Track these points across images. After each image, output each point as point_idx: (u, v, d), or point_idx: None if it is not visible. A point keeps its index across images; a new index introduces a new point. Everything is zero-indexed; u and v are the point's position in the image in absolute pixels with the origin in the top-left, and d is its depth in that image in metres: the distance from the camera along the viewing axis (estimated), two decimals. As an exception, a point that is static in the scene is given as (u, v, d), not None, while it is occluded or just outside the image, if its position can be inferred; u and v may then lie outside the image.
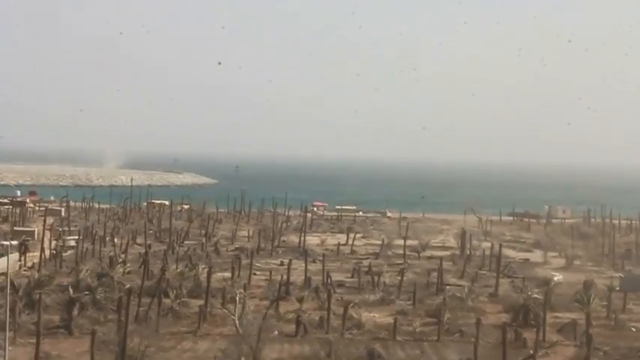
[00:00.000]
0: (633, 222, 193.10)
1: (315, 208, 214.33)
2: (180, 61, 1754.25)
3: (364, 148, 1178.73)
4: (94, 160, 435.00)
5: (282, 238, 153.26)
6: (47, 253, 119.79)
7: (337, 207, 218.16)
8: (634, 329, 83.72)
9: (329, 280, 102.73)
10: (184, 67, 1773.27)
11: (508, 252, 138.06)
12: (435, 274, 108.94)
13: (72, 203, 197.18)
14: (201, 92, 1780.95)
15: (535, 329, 78.18)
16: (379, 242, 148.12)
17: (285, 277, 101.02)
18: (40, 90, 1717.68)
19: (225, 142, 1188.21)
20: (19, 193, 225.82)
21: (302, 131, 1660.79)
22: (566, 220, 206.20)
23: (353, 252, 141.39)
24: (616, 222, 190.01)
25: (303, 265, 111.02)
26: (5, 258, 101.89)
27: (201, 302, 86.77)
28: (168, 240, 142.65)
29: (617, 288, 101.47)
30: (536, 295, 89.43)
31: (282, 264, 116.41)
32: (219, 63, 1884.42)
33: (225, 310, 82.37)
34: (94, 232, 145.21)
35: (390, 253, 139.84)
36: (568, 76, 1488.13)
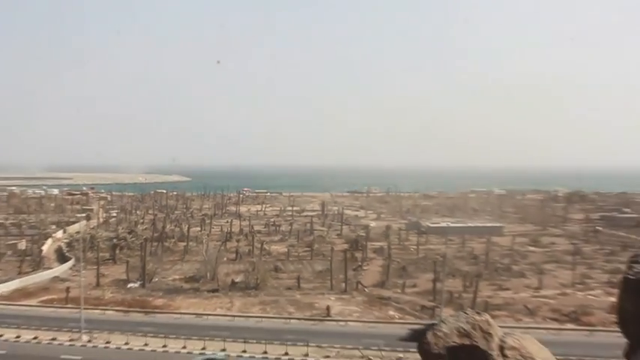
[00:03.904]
0: (413, 194, 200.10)
1: (244, 192, 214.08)
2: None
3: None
4: (126, 169, 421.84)
5: (227, 208, 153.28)
6: (101, 220, 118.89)
7: (257, 191, 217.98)
8: (412, 249, 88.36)
9: (252, 229, 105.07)
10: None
11: (347, 211, 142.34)
12: (309, 224, 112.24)
13: (113, 193, 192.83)
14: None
15: (361, 251, 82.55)
16: (279, 208, 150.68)
17: (229, 229, 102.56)
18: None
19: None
20: (84, 188, 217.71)
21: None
22: (377, 194, 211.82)
23: (265, 214, 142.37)
24: (403, 194, 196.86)
25: (239, 222, 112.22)
26: (80, 223, 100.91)
27: (184, 244, 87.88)
28: (165, 212, 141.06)
29: (404, 228, 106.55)
30: (361, 233, 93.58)
31: (227, 222, 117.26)
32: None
33: (198, 248, 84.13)
34: (126, 208, 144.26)
35: (285, 214, 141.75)
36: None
